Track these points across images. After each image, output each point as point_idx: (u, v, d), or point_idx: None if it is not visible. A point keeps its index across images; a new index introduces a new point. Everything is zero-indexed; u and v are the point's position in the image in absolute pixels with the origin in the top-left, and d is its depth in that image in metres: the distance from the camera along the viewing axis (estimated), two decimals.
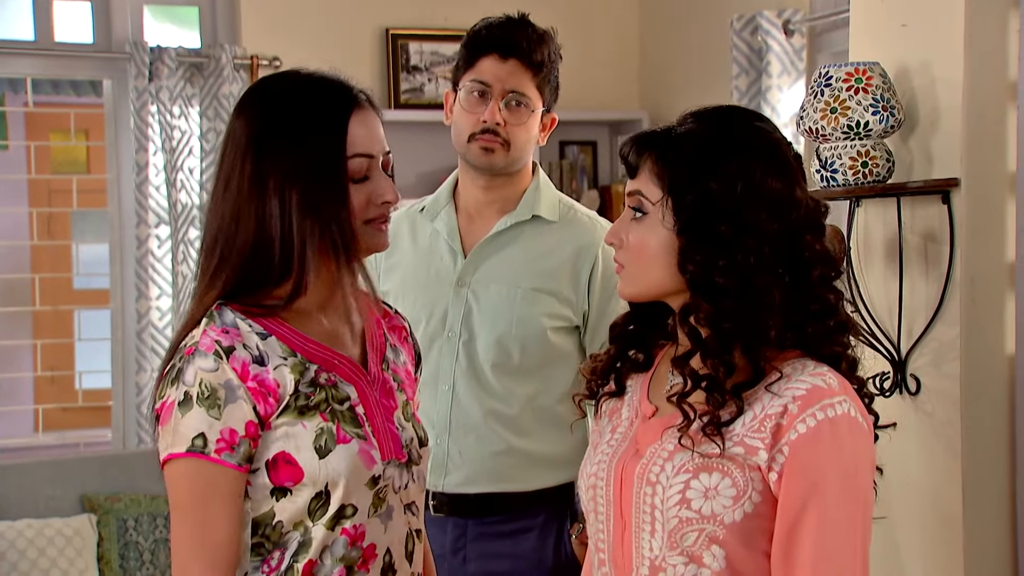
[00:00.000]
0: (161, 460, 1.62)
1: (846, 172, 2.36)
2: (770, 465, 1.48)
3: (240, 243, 1.62)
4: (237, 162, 1.64)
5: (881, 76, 2.35)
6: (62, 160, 5.89)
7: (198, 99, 4.21)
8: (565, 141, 4.64)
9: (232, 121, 1.69)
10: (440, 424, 2.35)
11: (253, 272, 1.63)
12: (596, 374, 1.70)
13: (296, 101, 1.67)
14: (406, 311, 2.39)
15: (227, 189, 1.65)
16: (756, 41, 3.73)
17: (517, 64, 2.30)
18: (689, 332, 1.54)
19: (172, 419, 1.59)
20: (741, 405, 1.50)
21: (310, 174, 1.62)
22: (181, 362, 1.61)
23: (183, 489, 1.60)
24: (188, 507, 1.60)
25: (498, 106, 2.29)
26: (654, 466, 1.54)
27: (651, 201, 1.56)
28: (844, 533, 1.46)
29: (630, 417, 1.64)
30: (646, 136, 1.60)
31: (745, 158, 1.53)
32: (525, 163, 2.38)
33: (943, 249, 2.34)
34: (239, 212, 1.62)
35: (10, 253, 5.28)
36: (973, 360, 2.32)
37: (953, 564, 2.34)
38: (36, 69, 4.29)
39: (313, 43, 4.37)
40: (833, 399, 1.48)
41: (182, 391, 1.59)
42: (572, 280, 2.34)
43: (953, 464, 2.34)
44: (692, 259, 1.52)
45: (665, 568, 1.52)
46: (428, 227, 2.43)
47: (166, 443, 1.60)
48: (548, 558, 2.34)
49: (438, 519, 2.35)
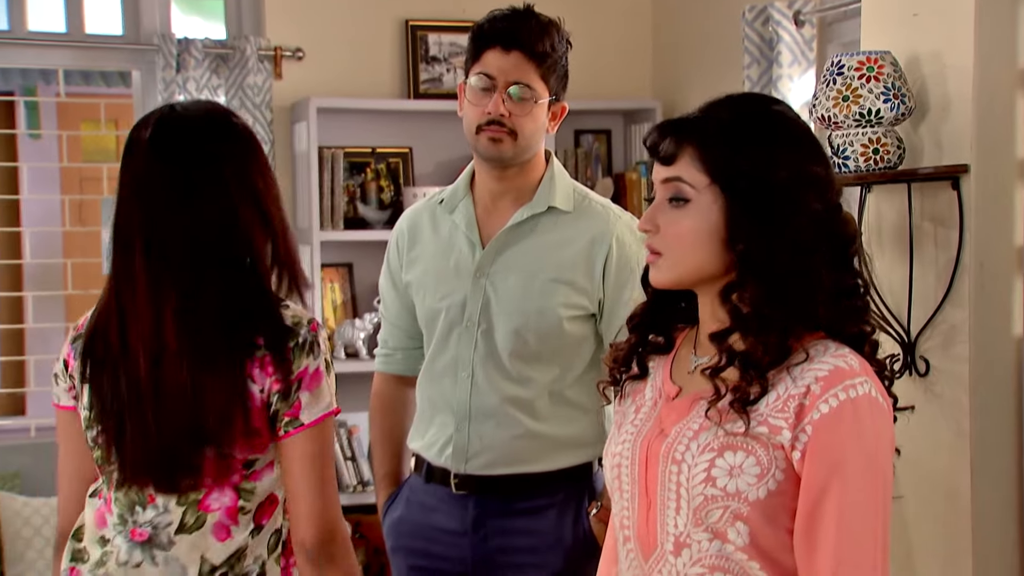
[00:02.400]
0: (312, 420, 1.76)
1: (858, 159, 2.33)
2: (793, 444, 1.47)
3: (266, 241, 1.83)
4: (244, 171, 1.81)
5: (892, 65, 2.33)
6: (92, 149, 5.89)
7: (223, 89, 4.19)
8: (580, 130, 4.61)
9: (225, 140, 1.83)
10: (460, 410, 2.34)
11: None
12: (618, 362, 1.68)
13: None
14: (427, 301, 2.40)
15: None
16: (767, 31, 3.70)
17: (520, 56, 2.27)
18: (733, 311, 1.52)
19: (323, 383, 1.78)
20: (765, 385, 1.49)
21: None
22: (311, 336, 1.77)
23: (331, 440, 1.81)
24: (331, 456, 1.81)
25: (502, 98, 2.27)
26: (679, 445, 1.54)
27: (695, 187, 1.53)
28: (865, 512, 1.45)
29: (653, 398, 1.63)
30: (681, 124, 1.56)
31: (789, 143, 1.54)
32: (535, 152, 2.35)
33: (952, 234, 2.31)
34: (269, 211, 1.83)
35: (43, 239, 5.29)
36: (982, 342, 2.30)
37: (961, 541, 2.32)
38: (67, 61, 4.27)
39: (334, 34, 4.36)
40: (855, 379, 1.47)
41: (322, 359, 1.78)
42: (587, 269, 2.32)
43: (961, 444, 2.32)
44: (747, 242, 1.50)
45: (690, 544, 1.51)
46: (447, 220, 2.42)
47: (324, 404, 1.78)
48: (566, 535, 2.33)
49: (459, 497, 2.35)
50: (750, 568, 1.49)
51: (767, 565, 1.49)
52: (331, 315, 4.32)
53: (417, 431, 2.46)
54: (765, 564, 1.49)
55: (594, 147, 4.61)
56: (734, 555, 1.49)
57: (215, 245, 1.76)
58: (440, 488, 2.38)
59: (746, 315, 1.51)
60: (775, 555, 1.49)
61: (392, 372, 2.56)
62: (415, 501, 2.43)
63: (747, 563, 1.49)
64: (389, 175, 4.36)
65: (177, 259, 1.75)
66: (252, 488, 1.79)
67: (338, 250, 4.32)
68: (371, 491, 4.22)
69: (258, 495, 1.79)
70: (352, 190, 4.32)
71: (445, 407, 2.37)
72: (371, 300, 4.32)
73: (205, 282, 1.75)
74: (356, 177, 4.34)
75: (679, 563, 1.52)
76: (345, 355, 4.27)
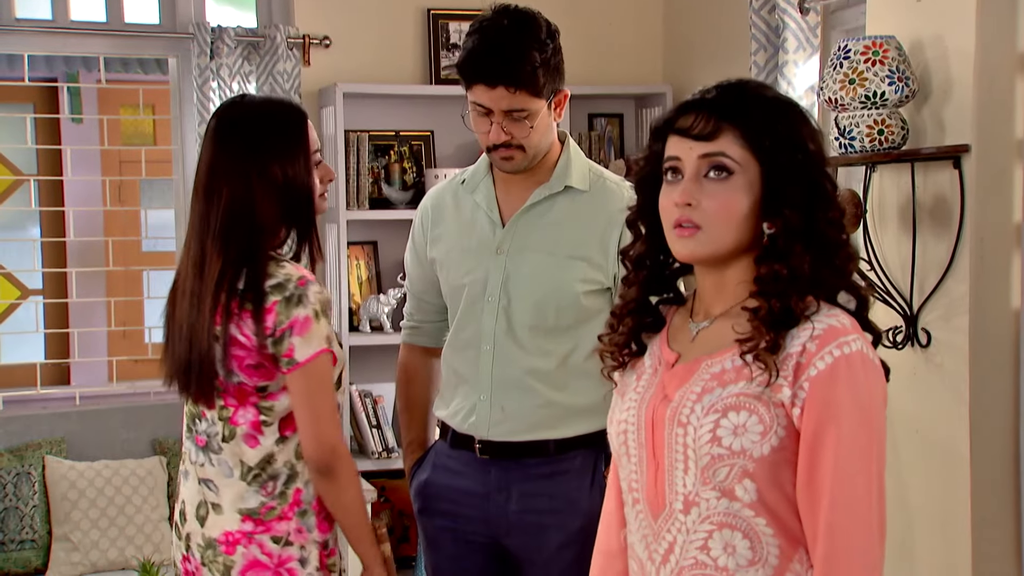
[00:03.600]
0: (304, 359, 2.03)
1: (863, 139, 2.32)
2: (793, 401, 1.48)
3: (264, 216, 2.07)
4: (244, 160, 2.07)
5: (897, 49, 2.31)
6: (131, 133, 5.87)
7: (255, 76, 4.18)
8: (593, 114, 4.58)
9: (227, 138, 2.11)
10: (484, 381, 2.34)
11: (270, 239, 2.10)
12: (620, 347, 1.68)
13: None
14: (450, 277, 2.40)
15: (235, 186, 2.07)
16: (774, 19, 3.66)
17: (504, 89, 2.21)
18: (774, 275, 1.52)
19: (312, 328, 2.03)
20: (784, 339, 1.51)
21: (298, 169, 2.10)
22: (298, 290, 2.03)
23: (326, 374, 2.06)
24: (328, 387, 2.07)
25: (501, 124, 2.24)
26: (684, 408, 1.54)
27: (737, 161, 1.53)
28: (860, 458, 1.47)
29: (653, 365, 1.64)
30: (717, 104, 1.56)
31: (805, 120, 1.57)
32: (548, 147, 2.33)
33: (954, 211, 2.30)
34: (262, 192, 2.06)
35: (86, 218, 5.29)
36: (981, 314, 2.29)
37: (960, 505, 2.32)
38: (107, 48, 4.25)
39: (360, 22, 4.34)
40: (848, 337, 1.49)
41: (311, 308, 2.03)
42: (602, 245, 2.31)
43: (961, 412, 2.31)
44: (789, 210, 1.51)
45: (698, 503, 1.52)
46: (469, 199, 2.41)
47: (313, 345, 2.03)
48: (583, 498, 2.33)
49: (483, 461, 2.35)
50: (756, 524, 1.50)
51: (772, 521, 1.50)
52: (356, 291, 4.31)
53: (443, 400, 2.47)
54: (771, 520, 1.50)
55: (607, 130, 4.59)
56: (741, 511, 1.50)
57: (237, 216, 2.05)
58: (465, 453, 2.38)
59: (789, 277, 1.51)
60: (779, 511, 1.50)
61: (417, 344, 2.56)
62: (441, 465, 2.44)
63: (754, 519, 1.50)
64: (412, 157, 4.35)
65: (209, 224, 2.07)
66: (271, 406, 2.09)
67: (363, 229, 4.32)
68: (396, 458, 4.24)
69: (277, 412, 2.09)
70: (376, 172, 4.31)
71: (469, 378, 2.37)
72: (395, 276, 4.32)
73: (217, 244, 2.05)
74: (380, 159, 4.32)
75: (688, 521, 1.53)
76: (371, 328, 4.26)
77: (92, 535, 3.89)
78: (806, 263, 1.51)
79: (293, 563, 2.11)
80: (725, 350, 1.55)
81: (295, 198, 2.08)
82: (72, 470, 3.94)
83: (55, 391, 4.52)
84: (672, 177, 1.57)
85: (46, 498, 3.89)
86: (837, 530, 1.45)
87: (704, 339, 1.59)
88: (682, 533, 1.54)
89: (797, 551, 1.51)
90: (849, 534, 1.45)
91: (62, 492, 3.90)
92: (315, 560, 2.13)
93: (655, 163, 1.62)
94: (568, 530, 2.31)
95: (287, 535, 2.11)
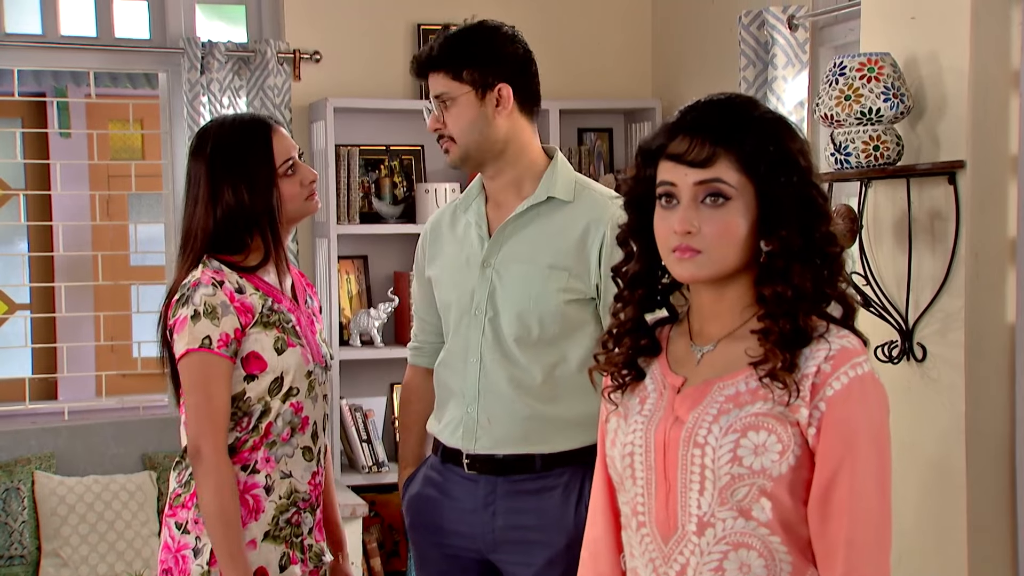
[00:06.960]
0: (178, 356, 2.18)
1: (859, 155, 2.31)
2: (809, 421, 1.49)
3: (210, 228, 2.24)
4: (201, 180, 2.25)
5: (892, 66, 2.30)
6: (120, 147, 5.83)
7: (245, 90, 4.15)
8: (583, 128, 4.57)
9: (193, 158, 2.29)
10: (470, 393, 2.33)
11: (220, 246, 2.25)
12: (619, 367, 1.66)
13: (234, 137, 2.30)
14: (442, 293, 2.42)
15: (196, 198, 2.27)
16: (763, 35, 3.66)
17: (432, 76, 2.31)
18: (778, 296, 1.52)
19: (187, 327, 2.17)
20: (797, 358, 1.51)
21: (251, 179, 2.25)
22: (188, 292, 2.19)
23: (197, 373, 2.16)
24: (200, 385, 2.16)
25: (434, 115, 2.31)
26: (700, 429, 1.53)
27: (733, 187, 1.52)
28: (875, 477, 1.49)
29: (657, 389, 1.62)
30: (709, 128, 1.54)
31: (794, 135, 1.56)
32: (494, 146, 2.30)
33: (949, 226, 2.29)
34: (206, 208, 2.24)
35: (74, 233, 5.25)
36: (976, 329, 2.29)
37: (956, 519, 2.31)
38: (97, 63, 4.22)
39: (350, 37, 4.32)
40: (860, 358, 1.51)
41: (192, 309, 2.17)
42: (583, 255, 2.29)
43: (957, 426, 2.30)
44: (787, 230, 1.51)
45: (714, 523, 1.51)
46: (463, 218, 2.42)
47: (183, 343, 2.17)
48: (570, 514, 2.30)
49: (470, 476, 2.34)
50: (771, 542, 1.50)
51: (788, 538, 1.50)
52: (347, 305, 4.29)
53: (435, 415, 2.46)
54: (786, 537, 1.50)
55: (596, 145, 4.58)
56: (757, 530, 1.50)
57: (192, 231, 2.26)
58: (454, 468, 2.37)
59: (794, 297, 1.51)
60: (794, 527, 1.50)
61: (419, 364, 2.57)
62: (431, 480, 2.42)
63: (769, 537, 1.50)
64: (402, 171, 4.33)
65: (184, 232, 2.29)
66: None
67: (354, 243, 4.29)
68: (385, 472, 4.21)
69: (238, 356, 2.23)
70: (367, 186, 4.29)
71: (457, 390, 2.36)
72: (385, 290, 4.30)
73: (181, 252, 2.28)
74: (371, 173, 4.30)
75: (703, 542, 1.52)
76: (361, 343, 4.24)
77: (82, 551, 3.84)
78: (808, 280, 1.52)
79: (187, 551, 2.19)
80: (737, 372, 1.54)
81: (251, 212, 2.23)
82: (61, 485, 3.89)
83: (44, 406, 4.46)
84: (667, 203, 1.56)
85: (35, 513, 3.85)
86: (857, 546, 1.47)
87: (710, 362, 1.58)
88: (695, 555, 1.52)
89: (808, 568, 1.52)
90: (868, 550, 1.48)
91: (51, 507, 3.85)
92: (207, 554, 2.17)
93: (647, 185, 1.60)
94: (555, 547, 2.29)
95: (186, 523, 2.21)
